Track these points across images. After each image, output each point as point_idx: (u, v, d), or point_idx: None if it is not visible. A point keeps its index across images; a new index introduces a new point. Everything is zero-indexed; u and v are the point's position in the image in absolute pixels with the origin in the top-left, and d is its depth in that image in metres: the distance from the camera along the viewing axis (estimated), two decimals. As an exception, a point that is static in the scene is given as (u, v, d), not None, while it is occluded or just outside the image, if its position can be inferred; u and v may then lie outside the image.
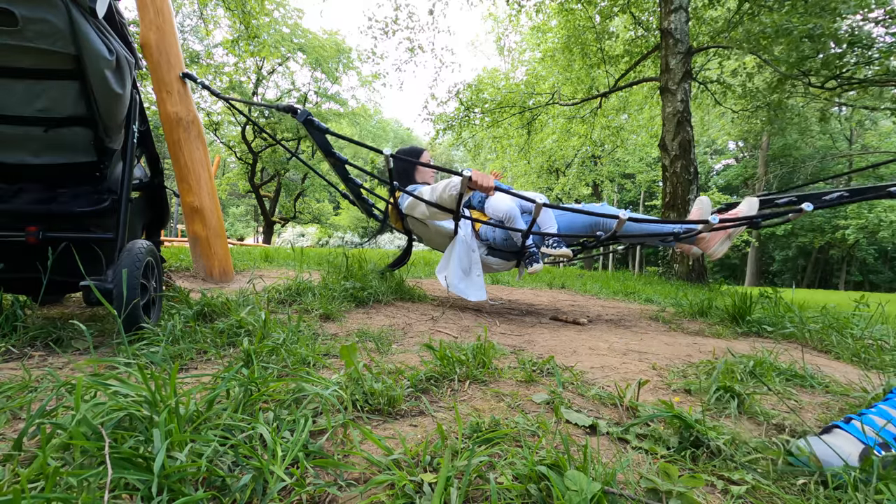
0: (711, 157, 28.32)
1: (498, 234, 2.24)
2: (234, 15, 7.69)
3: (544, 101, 10.11)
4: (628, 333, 1.85)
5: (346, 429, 0.70)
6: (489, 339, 1.51)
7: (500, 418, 0.76)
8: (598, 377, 1.11)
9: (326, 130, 2.00)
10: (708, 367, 1.18)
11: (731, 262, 28.04)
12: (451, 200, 1.93)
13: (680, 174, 5.74)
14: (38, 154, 1.26)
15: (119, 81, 1.25)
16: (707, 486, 0.61)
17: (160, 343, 1.07)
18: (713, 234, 2.04)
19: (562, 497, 0.50)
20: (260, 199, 21.03)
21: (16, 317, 1.24)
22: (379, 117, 33.79)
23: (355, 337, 1.40)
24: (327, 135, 2.01)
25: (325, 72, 19.48)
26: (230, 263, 2.57)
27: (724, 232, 2.04)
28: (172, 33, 2.32)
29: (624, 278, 5.53)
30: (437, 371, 1.00)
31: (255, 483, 0.52)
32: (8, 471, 0.51)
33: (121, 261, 1.17)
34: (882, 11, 5.89)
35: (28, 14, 1.02)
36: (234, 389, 0.74)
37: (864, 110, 8.24)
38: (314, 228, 27.67)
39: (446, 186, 1.93)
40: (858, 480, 0.56)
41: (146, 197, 1.72)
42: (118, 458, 0.49)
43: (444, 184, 1.95)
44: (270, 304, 1.80)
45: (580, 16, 8.27)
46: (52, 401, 0.74)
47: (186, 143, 2.35)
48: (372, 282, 2.18)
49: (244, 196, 30.73)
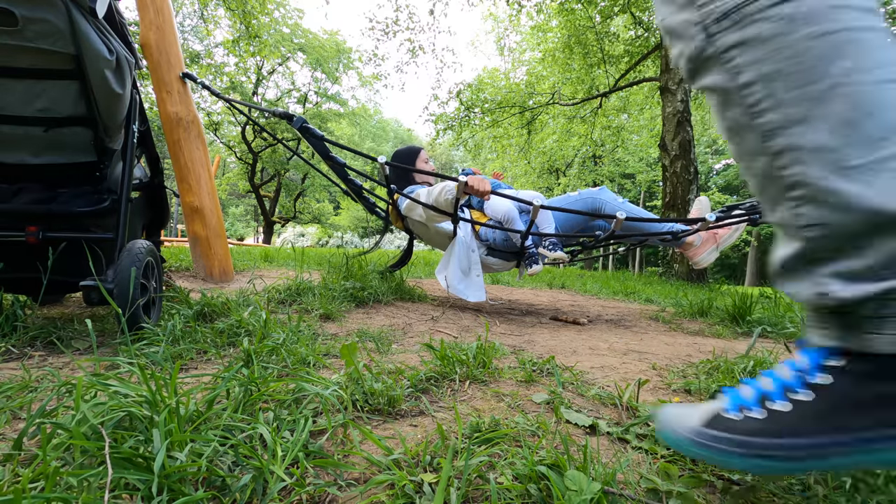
0: (712, 157, 28.31)
1: (498, 235, 2.24)
2: (235, 15, 7.70)
3: (544, 100, 10.12)
4: (628, 333, 1.85)
5: (346, 429, 0.70)
6: (489, 339, 1.51)
7: (500, 418, 0.76)
8: (598, 377, 1.11)
9: (322, 138, 2.01)
10: (708, 366, 1.18)
11: (731, 262, 28.04)
12: (447, 204, 1.93)
13: (680, 174, 5.74)
14: (38, 154, 1.26)
15: (119, 81, 1.25)
16: (707, 486, 0.61)
17: (160, 343, 1.07)
18: (702, 243, 2.06)
19: (562, 497, 0.50)
20: (260, 199, 21.04)
21: (16, 317, 1.24)
22: (379, 117, 33.84)
23: (355, 337, 1.40)
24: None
25: (326, 72, 19.50)
26: (230, 263, 2.58)
27: (714, 241, 2.05)
28: (172, 33, 2.32)
29: (624, 278, 5.53)
30: (437, 371, 1.00)
31: (255, 483, 0.52)
32: (8, 471, 0.51)
33: (121, 261, 1.17)
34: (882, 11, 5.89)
35: (28, 14, 1.02)
36: (234, 389, 0.74)
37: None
38: (314, 228, 27.69)
39: (442, 190, 1.92)
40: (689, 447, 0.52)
41: (146, 197, 1.72)
42: (118, 458, 0.49)
43: (441, 187, 1.94)
44: (270, 304, 1.80)
45: (580, 16, 8.28)
46: (52, 401, 0.74)
47: (186, 143, 2.35)
48: (372, 282, 2.18)
49: (244, 196, 30.75)
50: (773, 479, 0.62)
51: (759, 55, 0.48)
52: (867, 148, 0.44)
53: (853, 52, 0.45)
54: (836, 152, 0.45)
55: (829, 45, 0.45)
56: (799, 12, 0.46)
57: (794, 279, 0.51)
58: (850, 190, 0.44)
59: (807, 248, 0.48)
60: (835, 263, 0.47)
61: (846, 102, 0.45)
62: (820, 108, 0.46)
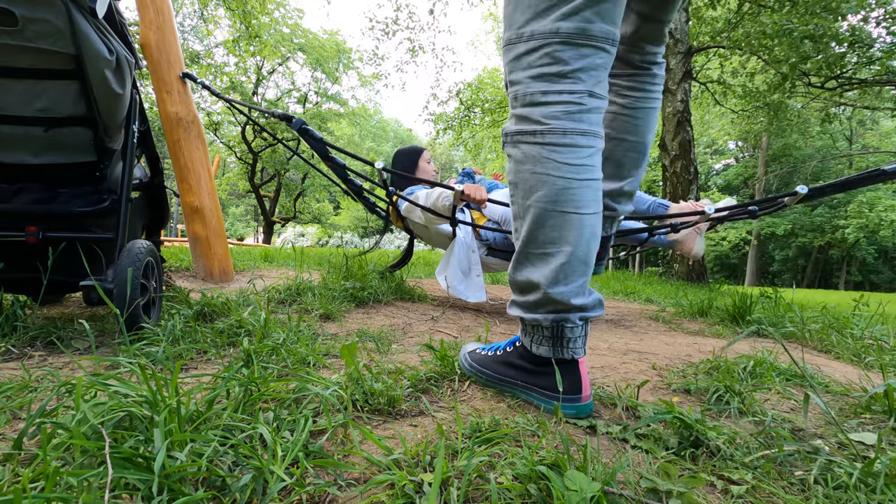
0: (711, 157, 28.30)
1: (498, 235, 2.23)
2: (235, 14, 7.70)
3: (544, 100, 10.08)
4: (628, 333, 1.85)
5: (346, 429, 0.70)
6: (489, 339, 1.51)
7: (500, 418, 0.76)
8: (598, 377, 1.11)
9: (321, 140, 2.01)
10: (708, 366, 1.18)
11: (731, 262, 28.05)
12: (444, 209, 1.95)
13: (680, 174, 5.74)
14: (38, 154, 1.26)
15: (119, 81, 1.25)
16: (707, 486, 0.61)
17: (160, 343, 1.07)
18: (687, 236, 2.10)
19: (562, 497, 0.50)
20: (260, 199, 21.04)
21: (16, 317, 1.24)
22: (379, 117, 33.83)
23: (355, 337, 1.40)
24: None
25: (326, 72, 19.49)
26: (230, 263, 2.58)
27: (696, 229, 2.09)
28: (172, 33, 2.32)
29: (624, 278, 5.53)
30: (437, 371, 1.00)
31: (255, 483, 0.52)
32: (8, 471, 0.51)
33: (121, 260, 1.17)
34: (882, 11, 5.90)
35: (28, 14, 1.02)
36: (234, 389, 0.74)
37: (865, 110, 8.23)
38: (314, 228, 27.68)
39: (440, 196, 1.93)
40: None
41: (146, 197, 1.72)
42: (118, 458, 0.49)
43: (438, 192, 1.95)
44: (270, 304, 1.80)
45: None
46: (52, 400, 0.74)
47: (186, 143, 2.35)
48: (372, 282, 2.18)
49: (244, 196, 30.75)
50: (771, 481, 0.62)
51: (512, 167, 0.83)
52: (539, 247, 0.81)
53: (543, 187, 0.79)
54: (526, 241, 0.82)
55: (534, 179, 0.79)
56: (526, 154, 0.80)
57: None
58: (521, 264, 0.85)
59: (510, 281, 0.89)
60: (514, 296, 0.89)
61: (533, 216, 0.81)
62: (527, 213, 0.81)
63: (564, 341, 0.82)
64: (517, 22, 0.79)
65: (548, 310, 0.82)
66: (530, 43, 0.77)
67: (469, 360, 0.98)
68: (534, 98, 0.78)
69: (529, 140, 0.78)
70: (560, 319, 0.81)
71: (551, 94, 0.76)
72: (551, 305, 0.81)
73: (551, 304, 0.81)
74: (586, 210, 0.78)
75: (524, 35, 0.78)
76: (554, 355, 0.82)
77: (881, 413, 0.87)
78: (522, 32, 0.78)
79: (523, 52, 0.78)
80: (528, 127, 0.78)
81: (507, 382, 0.90)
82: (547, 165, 0.76)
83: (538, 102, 0.77)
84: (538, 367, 0.85)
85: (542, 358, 0.84)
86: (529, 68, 0.78)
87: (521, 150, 0.79)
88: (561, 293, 0.79)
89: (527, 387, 0.87)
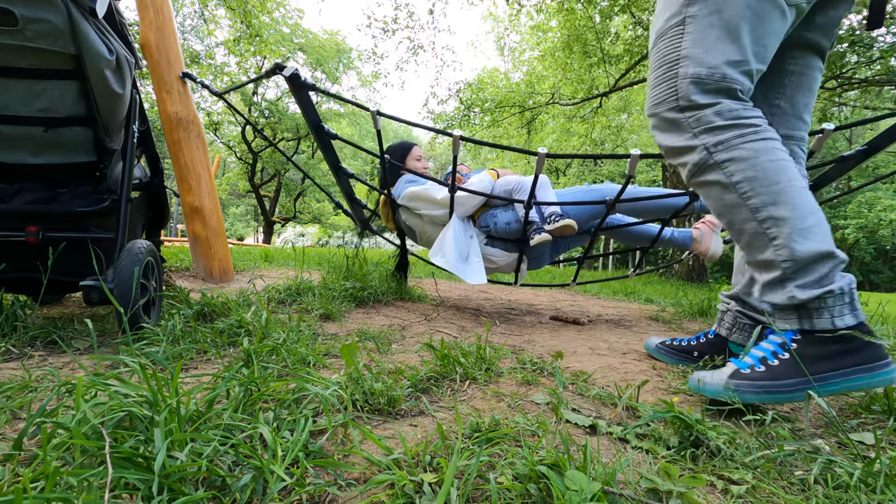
0: (711, 157, 28.22)
1: (499, 220, 2.15)
2: (236, 14, 7.69)
3: (544, 100, 10.10)
4: (628, 333, 1.85)
5: (346, 429, 0.70)
6: (489, 339, 1.51)
7: (500, 418, 0.76)
8: (598, 377, 1.11)
9: (312, 87, 1.87)
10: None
11: (731, 261, 27.99)
12: (468, 199, 2.07)
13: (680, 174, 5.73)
14: (38, 154, 1.26)
15: (119, 81, 1.25)
16: (707, 486, 0.61)
17: (160, 343, 1.07)
18: (704, 236, 2.09)
19: (562, 497, 0.50)
20: (260, 198, 21.04)
21: (16, 317, 1.24)
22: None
23: (355, 337, 1.40)
24: (318, 105, 1.98)
25: (326, 72, 19.50)
26: (230, 263, 2.58)
27: (711, 228, 2.08)
28: (172, 33, 2.32)
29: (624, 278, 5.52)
30: (437, 371, 1.00)
31: (255, 483, 0.52)
32: (8, 470, 0.51)
33: (121, 260, 1.17)
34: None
35: (28, 14, 1.02)
36: (235, 389, 0.74)
37: (865, 110, 8.23)
38: (314, 228, 27.69)
39: (469, 199, 2.07)
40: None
41: (146, 197, 1.72)
42: (118, 458, 0.49)
43: (477, 200, 2.10)
44: (270, 303, 1.80)
45: (580, 15, 8.26)
46: (52, 400, 0.74)
47: (186, 143, 2.35)
48: (372, 282, 2.18)
49: (244, 196, 30.74)
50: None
51: (742, 166, 0.87)
52: (807, 217, 0.83)
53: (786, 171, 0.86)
54: (794, 220, 0.83)
55: (777, 166, 0.86)
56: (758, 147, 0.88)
57: (771, 293, 0.87)
58: (804, 240, 0.82)
59: (783, 273, 0.84)
60: (797, 280, 0.83)
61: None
62: (780, 196, 0.85)
63: (856, 302, 0.81)
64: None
65: (839, 273, 0.81)
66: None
67: (748, 383, 0.84)
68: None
69: (752, 138, 0.87)
70: (850, 280, 0.81)
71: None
72: (842, 265, 0.82)
73: (841, 264, 0.82)
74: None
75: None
76: (858, 318, 0.80)
77: (881, 413, 0.87)
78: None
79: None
80: (744, 131, 0.88)
81: (822, 380, 0.80)
82: (777, 153, 0.87)
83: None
84: (846, 345, 0.79)
85: (845, 331, 0.79)
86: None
87: (744, 149, 0.87)
88: (840, 253, 0.82)
89: (848, 372, 0.79)
